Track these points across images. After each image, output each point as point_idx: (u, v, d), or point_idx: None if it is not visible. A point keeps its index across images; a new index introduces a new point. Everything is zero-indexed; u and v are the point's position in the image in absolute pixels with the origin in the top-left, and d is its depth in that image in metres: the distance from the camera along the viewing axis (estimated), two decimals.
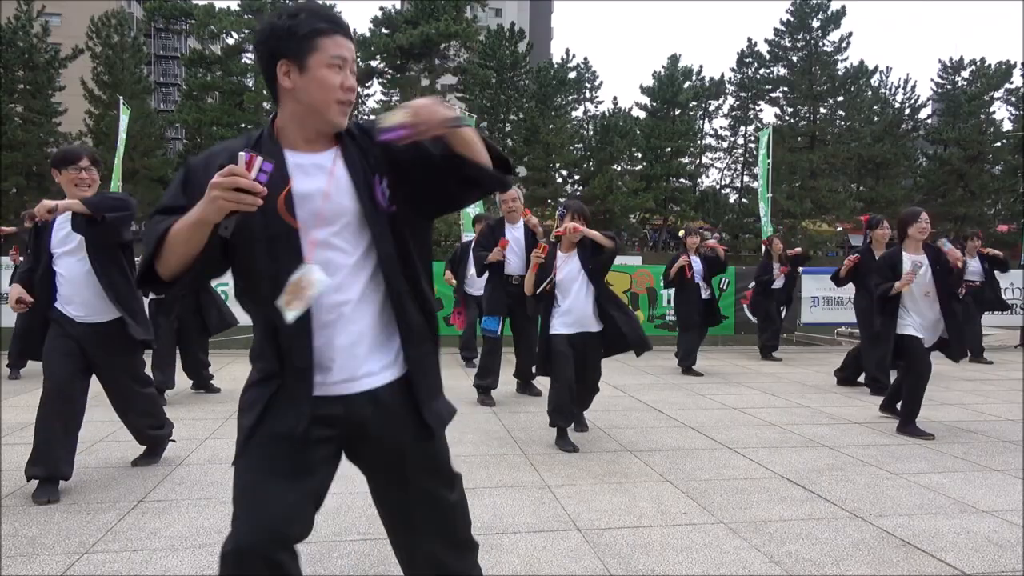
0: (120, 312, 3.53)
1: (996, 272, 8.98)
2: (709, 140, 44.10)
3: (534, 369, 5.42)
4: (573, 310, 4.54)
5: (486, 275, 6.18)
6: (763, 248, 9.67)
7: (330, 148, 1.65)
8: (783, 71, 41.03)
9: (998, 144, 39.55)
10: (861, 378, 7.05)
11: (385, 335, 1.69)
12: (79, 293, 3.51)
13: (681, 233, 8.51)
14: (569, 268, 4.58)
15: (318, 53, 1.56)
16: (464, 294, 7.81)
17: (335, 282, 1.60)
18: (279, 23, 1.57)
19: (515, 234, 6.00)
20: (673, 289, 8.23)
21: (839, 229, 42.32)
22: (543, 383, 6.16)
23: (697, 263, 7.92)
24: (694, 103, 42.20)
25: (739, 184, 43.33)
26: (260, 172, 1.42)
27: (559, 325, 4.55)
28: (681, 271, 7.88)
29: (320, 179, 1.60)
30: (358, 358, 1.65)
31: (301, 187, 1.58)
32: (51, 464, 3.41)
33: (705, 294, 8.01)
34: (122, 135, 11.07)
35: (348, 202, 1.62)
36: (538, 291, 4.62)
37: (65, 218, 3.48)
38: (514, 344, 6.25)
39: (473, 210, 11.59)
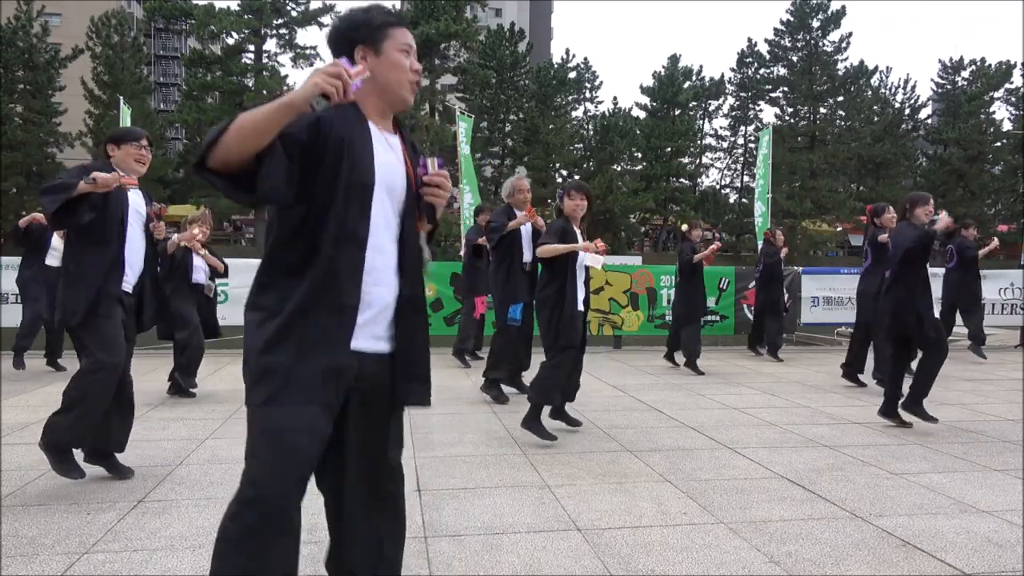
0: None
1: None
2: (709, 140, 44.17)
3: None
4: (582, 287, 4.65)
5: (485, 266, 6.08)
6: (765, 239, 9.67)
7: (396, 132, 1.93)
8: (783, 71, 41.08)
9: (998, 144, 39.58)
10: (864, 378, 7.05)
11: (394, 303, 1.86)
12: (136, 262, 3.61)
13: (685, 227, 8.51)
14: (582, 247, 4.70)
15: (390, 40, 1.85)
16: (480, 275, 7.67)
17: (378, 243, 1.80)
18: (355, 16, 1.87)
19: (525, 224, 5.92)
20: (679, 280, 8.22)
21: (839, 229, 42.34)
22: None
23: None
24: (694, 103, 42.24)
25: (739, 184, 43.36)
26: (357, 83, 1.64)
27: (580, 302, 4.61)
28: (692, 266, 7.88)
29: (392, 155, 1.87)
30: (385, 321, 1.84)
31: (380, 156, 1.82)
32: (87, 437, 3.53)
33: None
34: None
35: (403, 180, 1.87)
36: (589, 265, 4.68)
37: (136, 193, 3.63)
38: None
39: (472, 203, 11.62)
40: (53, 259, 7.08)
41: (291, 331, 1.70)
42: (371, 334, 1.81)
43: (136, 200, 3.64)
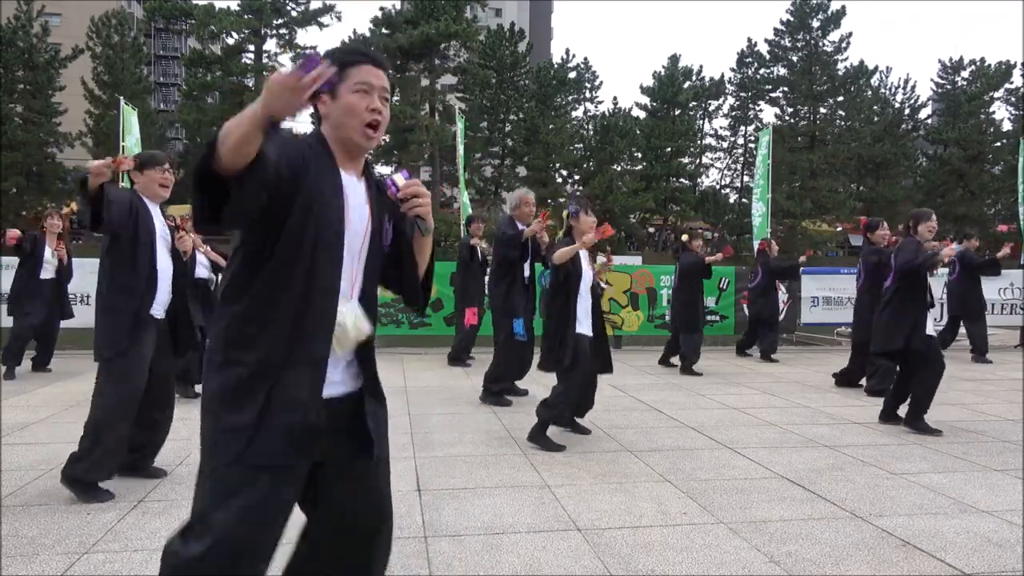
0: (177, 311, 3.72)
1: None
2: (709, 140, 44.12)
3: (536, 366, 5.34)
4: (588, 311, 4.61)
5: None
6: (760, 249, 9.65)
7: (362, 177, 1.84)
8: (783, 71, 41.02)
9: (998, 144, 39.55)
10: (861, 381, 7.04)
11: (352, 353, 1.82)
12: (165, 287, 3.62)
13: (685, 238, 8.48)
14: (587, 270, 4.65)
15: (346, 81, 1.73)
16: (477, 281, 7.68)
17: (344, 293, 1.75)
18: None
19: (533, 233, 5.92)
20: (678, 287, 8.20)
21: (839, 229, 42.33)
22: (530, 383, 6.16)
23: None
24: (694, 103, 42.19)
25: (739, 184, 43.33)
26: (326, 83, 1.47)
27: (581, 325, 4.56)
28: (706, 268, 7.90)
29: (360, 204, 1.80)
30: (338, 367, 1.78)
31: (350, 207, 1.76)
32: (115, 467, 3.51)
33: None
34: (135, 135, 10.96)
35: (367, 229, 1.81)
36: (592, 289, 4.67)
37: (160, 220, 3.65)
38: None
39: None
40: (47, 273, 7.06)
41: (258, 386, 1.63)
42: (337, 379, 1.77)
43: (161, 226, 3.65)
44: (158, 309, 3.59)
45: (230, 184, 1.47)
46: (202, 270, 6.20)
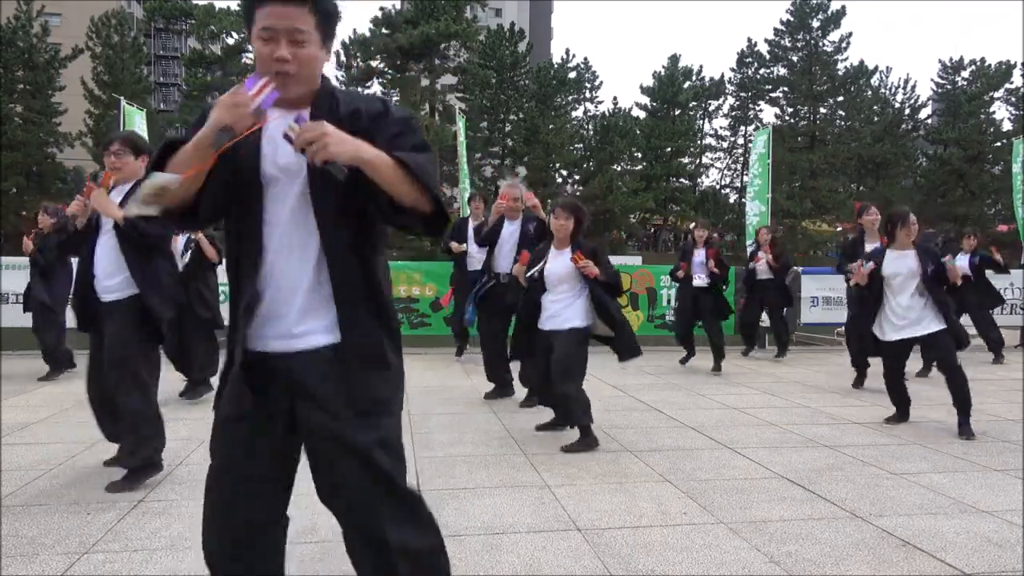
0: (140, 289, 3.63)
1: (988, 273, 9.03)
2: (709, 140, 44.17)
3: (508, 352, 5.37)
4: (553, 307, 4.62)
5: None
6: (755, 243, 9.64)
7: (302, 108, 1.65)
8: (783, 71, 41.06)
9: (998, 144, 39.56)
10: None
11: (323, 295, 1.67)
12: (107, 269, 3.62)
13: (692, 226, 8.61)
14: (558, 265, 4.61)
15: (254, 26, 1.60)
16: (463, 274, 7.69)
17: (285, 235, 1.65)
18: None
19: (511, 230, 5.90)
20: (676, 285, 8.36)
21: (839, 229, 42.34)
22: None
23: (700, 254, 8.03)
24: (694, 103, 42.23)
25: (739, 184, 43.35)
26: (266, 99, 1.51)
27: (544, 319, 4.65)
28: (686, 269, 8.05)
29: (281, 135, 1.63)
30: (291, 316, 1.67)
31: (270, 144, 1.63)
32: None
33: (702, 282, 8.03)
34: (141, 135, 10.91)
35: (297, 159, 1.59)
36: (528, 275, 4.76)
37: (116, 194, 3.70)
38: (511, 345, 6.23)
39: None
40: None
41: (228, 346, 1.76)
42: (291, 331, 1.67)
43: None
44: (105, 292, 3.60)
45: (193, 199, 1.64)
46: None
